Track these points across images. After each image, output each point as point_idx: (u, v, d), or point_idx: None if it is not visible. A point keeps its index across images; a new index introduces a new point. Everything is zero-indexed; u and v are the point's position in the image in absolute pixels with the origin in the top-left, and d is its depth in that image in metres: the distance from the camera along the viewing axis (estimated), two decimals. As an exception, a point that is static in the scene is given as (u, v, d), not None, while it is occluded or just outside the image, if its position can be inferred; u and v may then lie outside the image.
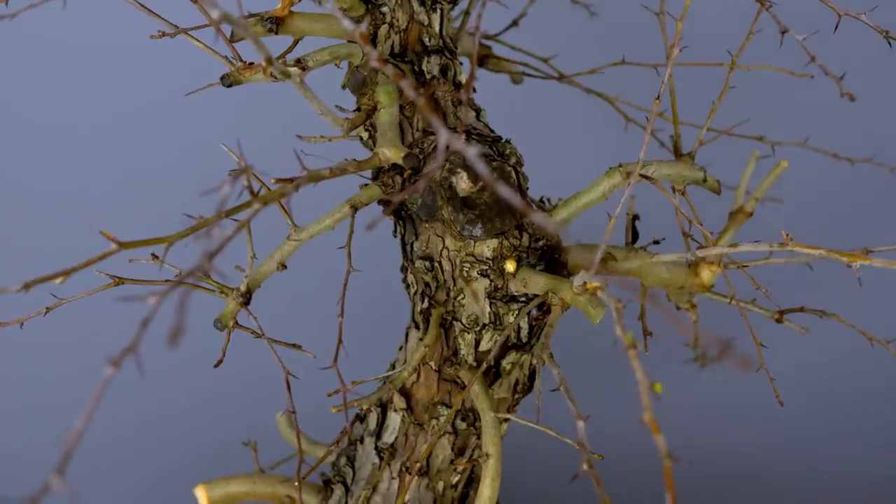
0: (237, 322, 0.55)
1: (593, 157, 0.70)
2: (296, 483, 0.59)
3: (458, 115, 0.59)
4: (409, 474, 0.63)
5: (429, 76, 0.59)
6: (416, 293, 0.62)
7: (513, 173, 0.57)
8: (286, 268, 0.56)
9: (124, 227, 0.43)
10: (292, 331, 0.57)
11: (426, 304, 0.61)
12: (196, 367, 0.65)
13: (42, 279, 0.34)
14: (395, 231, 0.62)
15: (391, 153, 0.53)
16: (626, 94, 0.77)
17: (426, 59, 0.59)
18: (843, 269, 0.50)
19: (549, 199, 0.62)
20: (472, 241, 0.57)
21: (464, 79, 0.61)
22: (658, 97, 0.53)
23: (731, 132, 0.71)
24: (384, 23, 0.58)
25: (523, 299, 0.59)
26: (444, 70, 0.60)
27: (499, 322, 0.59)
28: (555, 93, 0.82)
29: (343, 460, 0.67)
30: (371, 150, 0.58)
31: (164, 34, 0.54)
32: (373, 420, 0.65)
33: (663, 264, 0.60)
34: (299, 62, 0.53)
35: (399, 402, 0.64)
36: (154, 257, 0.55)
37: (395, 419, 0.64)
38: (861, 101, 0.51)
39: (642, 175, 0.55)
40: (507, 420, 0.61)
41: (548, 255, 0.60)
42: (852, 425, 1.02)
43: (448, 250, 0.58)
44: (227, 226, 0.33)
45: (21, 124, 1.06)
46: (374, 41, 0.59)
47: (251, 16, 0.54)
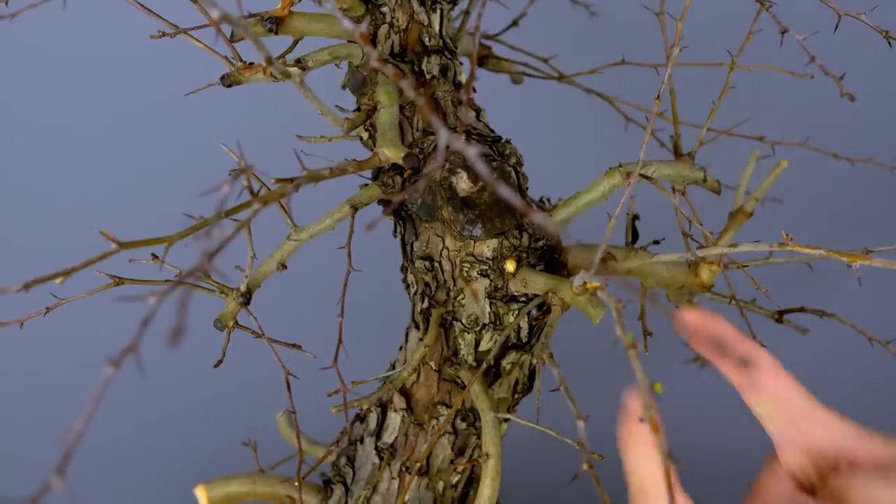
0: (237, 322, 0.55)
1: (593, 157, 0.70)
2: (296, 483, 0.59)
3: (458, 115, 0.59)
4: (409, 474, 0.63)
5: (429, 76, 0.59)
6: (416, 293, 0.62)
7: (513, 173, 0.57)
8: (286, 268, 0.56)
9: (124, 227, 0.43)
10: (292, 331, 0.57)
11: (426, 304, 0.61)
12: (196, 367, 0.65)
13: (42, 279, 0.34)
14: (395, 231, 0.62)
15: (391, 153, 0.53)
16: (626, 94, 0.77)
17: (426, 59, 0.59)
18: (843, 269, 0.50)
19: (549, 199, 0.62)
20: (472, 241, 0.57)
21: (464, 79, 0.61)
22: (658, 97, 0.53)
23: (731, 132, 0.71)
24: (384, 23, 0.58)
25: (523, 299, 0.59)
26: (444, 70, 0.60)
27: (499, 322, 0.59)
28: (555, 93, 0.82)
29: (343, 460, 0.67)
30: (371, 150, 0.58)
31: (164, 34, 0.54)
32: (373, 420, 0.65)
33: (663, 264, 0.60)
34: (299, 62, 0.53)
35: (399, 402, 0.64)
36: (154, 257, 0.55)
37: (395, 419, 0.64)
38: (861, 101, 0.51)
39: (642, 175, 0.55)
40: (507, 420, 0.61)
41: (548, 255, 0.60)
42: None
43: (448, 250, 0.58)
44: (227, 226, 0.33)
45: (21, 124, 1.06)
46: (374, 41, 0.59)
47: (251, 16, 0.54)
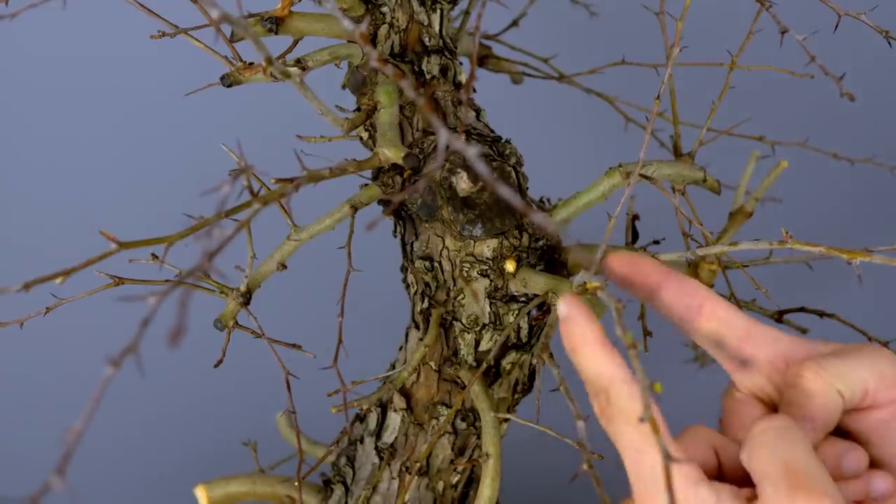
0: (237, 322, 0.55)
1: (593, 157, 0.70)
2: (296, 483, 0.59)
3: (458, 115, 0.59)
4: (409, 474, 0.63)
5: (429, 76, 0.59)
6: (416, 293, 0.62)
7: (513, 173, 0.57)
8: (286, 268, 0.56)
9: (124, 227, 0.43)
10: (292, 331, 0.57)
11: (426, 304, 0.61)
12: (196, 367, 0.65)
13: (42, 279, 0.34)
14: (395, 231, 0.62)
15: (391, 153, 0.53)
16: (626, 94, 0.77)
17: (426, 59, 0.59)
18: (842, 270, 0.50)
19: (549, 199, 0.62)
20: (472, 241, 0.57)
21: (464, 79, 0.61)
22: (658, 97, 0.53)
23: (731, 132, 0.71)
24: (384, 23, 0.58)
25: (523, 299, 0.59)
26: (444, 70, 0.60)
27: (499, 322, 0.59)
28: (555, 93, 0.82)
29: (343, 460, 0.67)
30: (371, 150, 0.57)
31: (164, 34, 0.54)
32: (373, 420, 0.65)
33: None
34: (299, 62, 0.53)
35: (399, 402, 0.64)
36: (154, 257, 0.55)
37: (395, 419, 0.64)
38: (861, 101, 0.51)
39: (642, 175, 0.55)
40: (507, 420, 0.61)
41: (548, 255, 0.60)
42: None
43: (448, 250, 0.58)
44: (227, 226, 0.33)
45: (20, 125, 1.06)
46: (374, 41, 0.59)
47: (251, 16, 0.53)
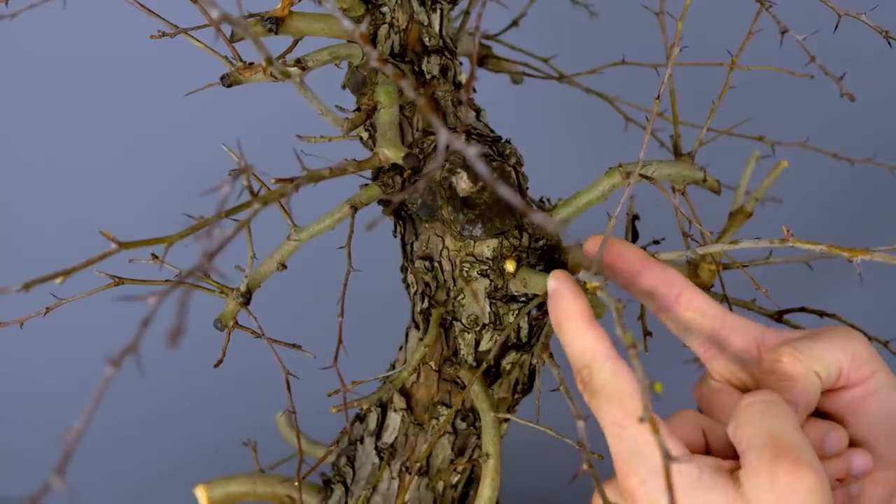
0: (237, 322, 0.55)
1: (593, 157, 0.70)
2: (296, 483, 0.59)
3: (458, 115, 0.59)
4: (409, 474, 0.63)
5: (429, 76, 0.59)
6: (416, 293, 0.62)
7: (513, 173, 0.57)
8: (286, 268, 0.56)
9: (124, 227, 0.43)
10: (292, 331, 0.57)
11: (426, 304, 0.61)
12: (196, 367, 0.65)
13: (42, 279, 0.34)
14: (395, 231, 0.62)
15: (391, 153, 0.53)
16: (626, 94, 0.77)
17: (426, 59, 0.59)
18: (843, 270, 0.50)
19: (549, 199, 0.62)
20: (472, 241, 0.57)
21: (464, 79, 0.61)
22: (658, 97, 0.53)
23: (731, 132, 0.71)
24: (384, 23, 0.58)
25: (523, 299, 0.59)
26: (444, 70, 0.60)
27: (499, 322, 0.59)
28: (555, 93, 0.82)
29: (343, 460, 0.67)
30: (371, 150, 0.57)
31: (164, 34, 0.54)
32: (373, 420, 0.65)
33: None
34: (299, 62, 0.53)
35: (399, 402, 0.64)
36: (154, 257, 0.55)
37: (395, 419, 0.64)
38: (861, 101, 0.51)
39: (642, 175, 0.55)
40: (507, 420, 0.61)
41: (548, 255, 0.60)
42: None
43: (448, 250, 0.58)
44: (227, 226, 0.33)
45: (20, 125, 1.06)
46: (374, 41, 0.59)
47: (251, 16, 0.53)
